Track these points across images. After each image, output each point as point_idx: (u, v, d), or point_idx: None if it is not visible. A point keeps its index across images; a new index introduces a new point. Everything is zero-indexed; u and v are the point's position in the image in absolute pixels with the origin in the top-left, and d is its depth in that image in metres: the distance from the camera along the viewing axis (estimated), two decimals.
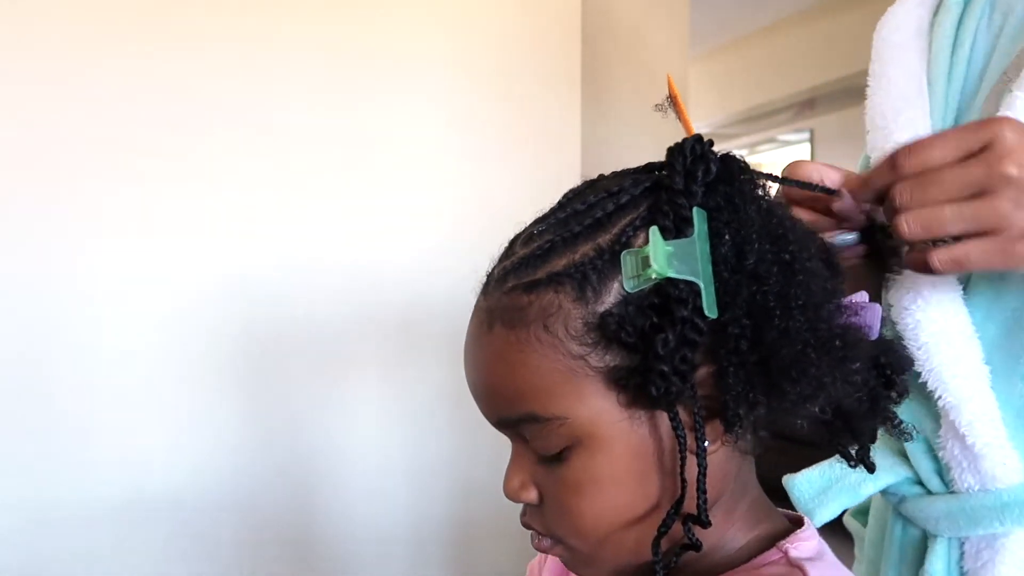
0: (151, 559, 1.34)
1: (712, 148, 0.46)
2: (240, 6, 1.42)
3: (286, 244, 1.46)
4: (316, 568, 1.50)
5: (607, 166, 0.52)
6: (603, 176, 0.51)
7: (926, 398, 0.59)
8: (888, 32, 0.69)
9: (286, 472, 1.47)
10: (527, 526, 0.51)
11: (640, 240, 0.44)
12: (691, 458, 0.44)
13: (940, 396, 0.57)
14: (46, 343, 1.27)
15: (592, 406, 0.45)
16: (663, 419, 0.45)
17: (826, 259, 0.49)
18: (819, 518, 0.65)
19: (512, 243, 0.50)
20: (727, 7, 4.41)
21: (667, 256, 0.42)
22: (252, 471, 1.43)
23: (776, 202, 0.47)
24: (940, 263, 0.50)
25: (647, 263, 0.42)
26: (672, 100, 0.49)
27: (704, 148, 0.46)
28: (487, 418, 0.50)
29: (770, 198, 0.47)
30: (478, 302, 0.49)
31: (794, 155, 5.72)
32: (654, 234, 0.42)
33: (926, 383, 0.58)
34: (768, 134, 5.84)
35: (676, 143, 0.47)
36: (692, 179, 0.44)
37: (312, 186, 1.49)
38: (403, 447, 1.59)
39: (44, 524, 1.26)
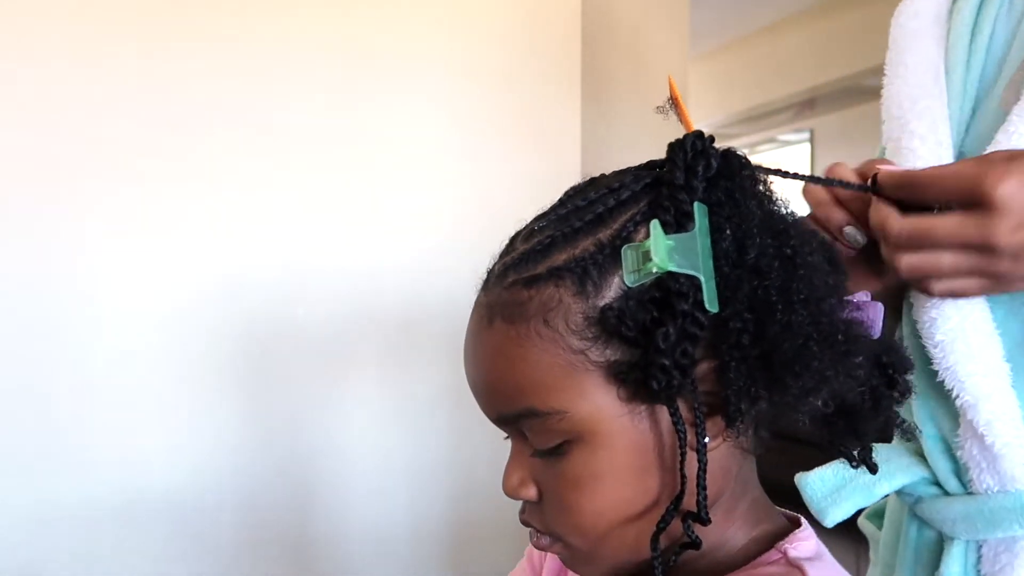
0: (151, 559, 1.34)
1: (713, 144, 0.46)
2: (240, 6, 1.42)
3: (286, 244, 1.46)
4: (315, 568, 1.50)
5: (607, 166, 0.52)
6: (604, 174, 0.51)
7: (944, 396, 0.57)
8: (906, 19, 0.67)
9: (286, 472, 1.47)
10: (526, 524, 0.51)
11: (641, 235, 0.44)
12: (691, 454, 0.44)
13: (958, 394, 0.56)
14: (46, 343, 1.27)
15: (592, 401, 0.45)
16: (663, 414, 0.45)
17: (828, 256, 0.49)
18: (831, 517, 0.63)
19: (513, 239, 0.51)
20: (727, 7, 4.41)
21: (668, 250, 0.42)
22: (252, 471, 1.43)
23: (777, 198, 0.47)
24: (939, 294, 0.52)
25: (648, 257, 0.42)
26: (673, 102, 0.49)
27: (705, 144, 0.46)
28: (487, 414, 0.50)
29: (771, 194, 0.47)
30: (478, 298, 0.49)
31: (794, 155, 5.72)
32: (655, 227, 0.42)
33: (943, 381, 0.56)
34: (768, 134, 5.84)
35: (677, 139, 0.47)
36: (693, 174, 0.45)
37: (312, 186, 1.49)
38: (403, 447, 1.59)
39: (44, 524, 1.26)
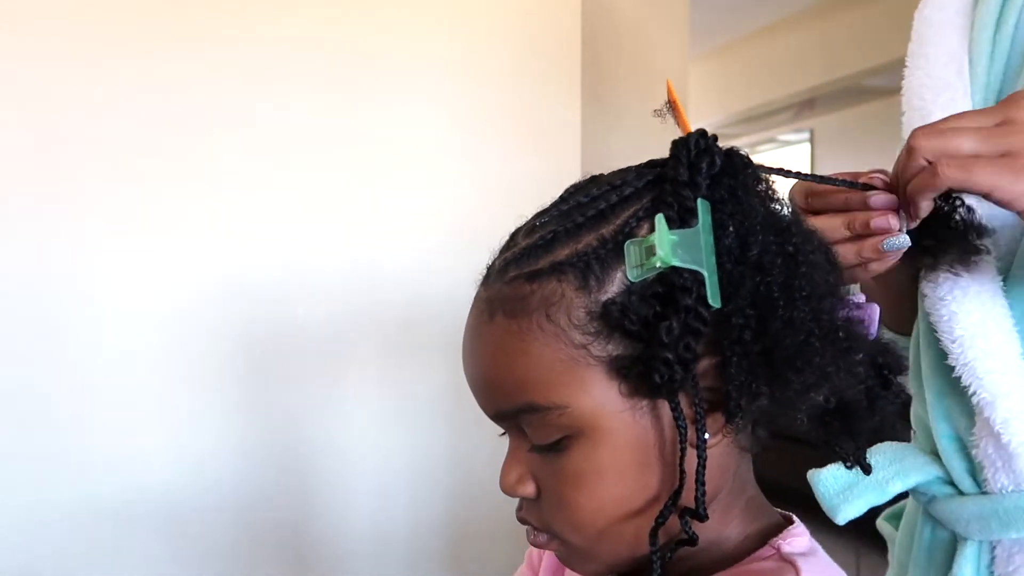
0: (151, 559, 1.34)
1: (717, 142, 0.46)
2: (240, 6, 1.42)
3: (286, 244, 1.46)
4: (315, 567, 1.50)
5: (607, 166, 0.52)
6: (605, 173, 0.51)
7: (959, 394, 0.57)
8: (930, 11, 0.66)
9: (285, 472, 1.47)
10: (523, 521, 0.51)
11: (644, 230, 0.45)
12: (691, 451, 0.44)
13: (974, 392, 0.55)
14: (46, 343, 1.27)
15: (594, 396, 0.45)
16: (664, 410, 0.45)
17: (827, 256, 0.50)
18: (843, 515, 0.62)
19: (514, 235, 0.51)
20: (727, 7, 4.41)
21: (672, 245, 0.42)
22: (252, 470, 1.43)
23: (779, 197, 0.48)
24: (945, 170, 0.48)
25: (651, 252, 0.42)
26: (671, 105, 0.49)
27: (709, 142, 0.46)
28: (485, 410, 0.50)
29: (773, 192, 0.47)
30: (478, 293, 0.49)
31: (794, 155, 5.72)
32: (660, 222, 0.43)
33: (960, 378, 0.56)
34: (768, 134, 5.84)
35: (681, 137, 0.47)
36: (697, 171, 0.45)
37: (312, 186, 1.49)
38: (403, 447, 1.59)
39: (43, 524, 1.26)
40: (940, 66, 0.62)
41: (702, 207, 0.44)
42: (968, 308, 0.55)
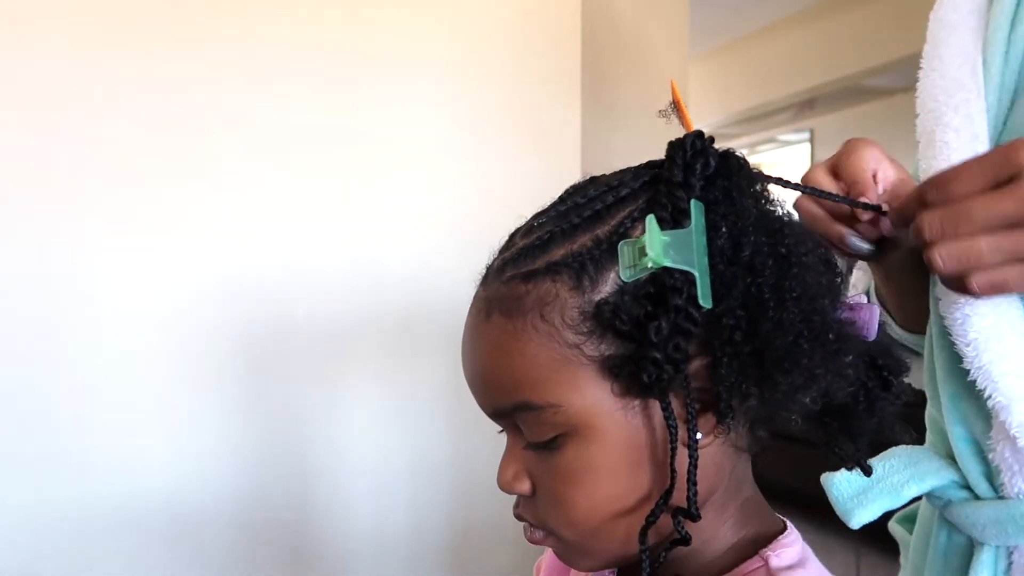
0: (150, 559, 1.35)
1: (713, 144, 0.47)
2: (240, 6, 1.42)
3: (286, 244, 1.46)
4: (315, 568, 1.50)
5: (607, 166, 0.52)
6: (604, 173, 0.51)
7: (975, 397, 0.56)
8: (944, 12, 0.65)
9: (285, 471, 1.47)
10: (519, 518, 0.52)
11: (638, 231, 0.45)
12: (683, 450, 0.45)
13: (990, 395, 0.54)
14: (46, 343, 1.27)
15: (586, 395, 0.45)
16: (656, 410, 0.45)
17: (824, 257, 0.50)
18: (858, 519, 0.61)
19: (512, 235, 0.51)
20: (727, 7, 4.41)
21: (663, 245, 0.42)
22: (252, 470, 1.43)
23: (774, 198, 0.48)
24: (979, 287, 0.49)
25: (643, 252, 0.43)
26: (675, 106, 0.49)
27: (704, 143, 0.46)
28: (483, 408, 0.50)
29: (768, 194, 0.47)
30: (477, 292, 0.50)
31: (794, 155, 5.72)
32: (650, 222, 0.43)
33: (975, 381, 0.55)
34: (768, 134, 5.84)
35: (677, 138, 0.47)
36: (691, 172, 0.45)
37: (312, 186, 1.49)
38: (403, 447, 1.59)
39: (43, 524, 1.26)
40: (954, 67, 0.61)
41: (695, 208, 0.44)
42: (982, 311, 0.54)
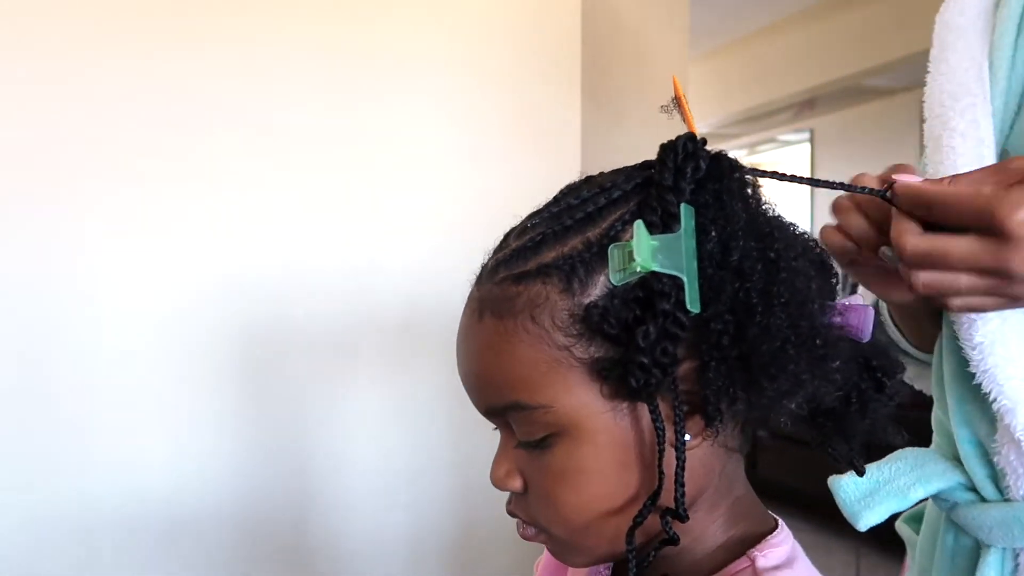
0: (150, 559, 1.35)
1: (704, 147, 0.47)
2: (240, 6, 1.42)
3: (286, 244, 1.46)
4: (315, 568, 1.50)
5: (607, 166, 0.52)
6: (600, 173, 0.51)
7: (980, 400, 0.56)
8: (951, 15, 0.65)
9: (285, 472, 1.47)
10: (512, 514, 0.52)
11: (628, 234, 0.45)
12: (671, 451, 0.45)
13: (995, 398, 0.55)
14: (46, 343, 1.27)
15: (576, 396, 0.46)
16: (645, 411, 0.45)
17: (819, 260, 0.50)
18: (865, 521, 0.62)
19: (506, 236, 0.52)
20: (727, 7, 4.41)
21: (651, 250, 0.43)
22: (252, 471, 1.43)
23: (765, 201, 0.48)
24: (956, 309, 0.51)
25: (632, 256, 0.43)
26: (677, 102, 0.49)
27: (695, 146, 0.46)
28: (476, 406, 0.51)
29: (759, 197, 0.47)
30: (471, 292, 0.51)
31: (794, 155, 5.72)
32: (638, 228, 0.43)
33: (981, 384, 0.55)
34: (768, 134, 5.85)
35: (669, 141, 0.47)
36: (681, 176, 0.45)
37: (312, 186, 1.49)
38: (403, 447, 1.59)
39: (43, 524, 1.26)
40: (961, 71, 0.61)
41: (685, 212, 0.44)
42: (988, 315, 0.55)
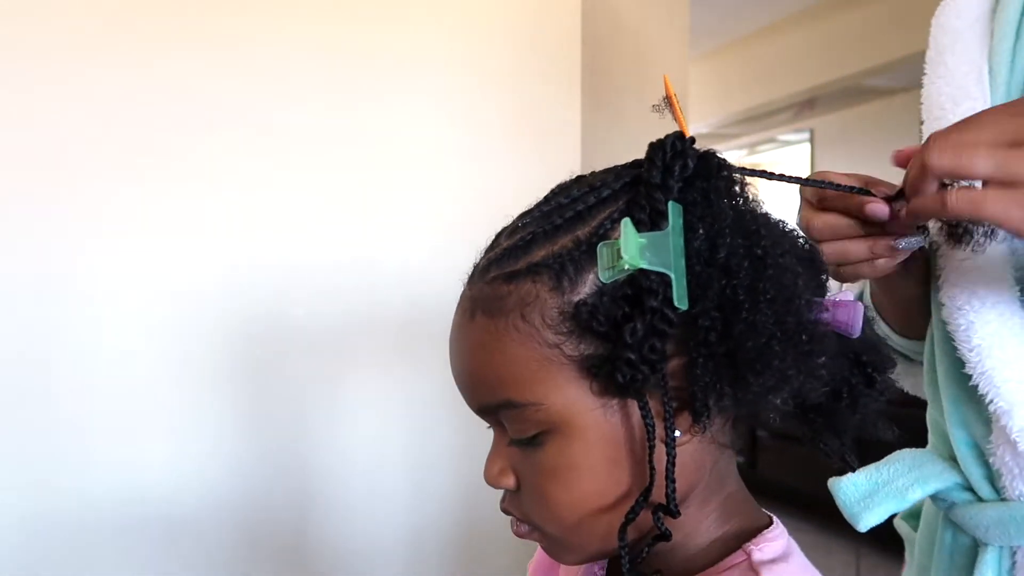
0: (150, 558, 1.35)
1: (693, 145, 0.47)
2: (240, 6, 1.42)
3: (286, 244, 1.46)
4: (315, 568, 1.50)
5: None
6: (592, 172, 0.52)
7: (975, 402, 0.57)
8: (947, 18, 0.65)
9: (285, 472, 1.47)
10: (506, 512, 0.53)
11: (617, 233, 0.45)
12: (662, 448, 0.45)
13: (991, 400, 0.55)
14: (46, 343, 1.27)
15: (567, 394, 0.46)
16: (635, 408, 0.46)
17: (809, 256, 0.50)
18: (865, 522, 0.62)
19: (498, 235, 0.52)
20: (727, 7, 4.41)
21: (639, 247, 0.43)
22: (252, 470, 1.43)
23: (753, 198, 0.48)
24: (954, 202, 0.48)
25: (620, 254, 0.43)
26: (668, 101, 0.49)
27: (684, 144, 0.46)
28: (469, 405, 0.51)
29: (747, 195, 0.47)
30: (463, 292, 0.51)
31: (794, 155, 5.72)
32: (626, 225, 0.43)
33: (977, 386, 0.56)
34: (768, 134, 5.85)
35: (658, 139, 0.48)
36: (669, 174, 0.46)
37: (312, 186, 1.49)
38: (403, 447, 1.59)
39: (43, 524, 1.26)
40: (960, 75, 0.61)
41: (673, 210, 0.45)
42: (986, 318, 0.55)
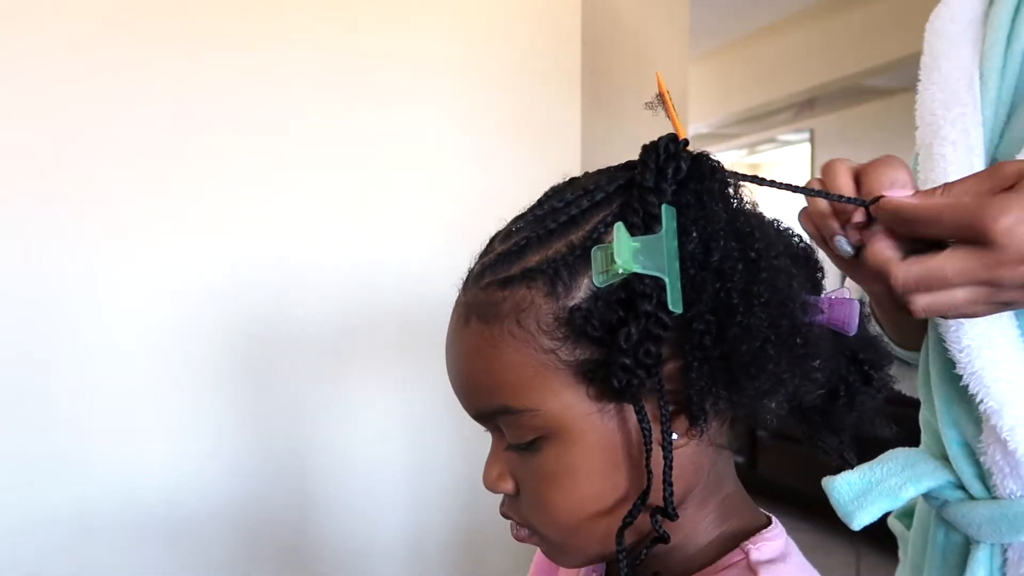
0: (150, 558, 1.35)
1: (686, 147, 0.47)
2: (240, 6, 1.42)
3: (286, 244, 1.46)
4: (315, 568, 1.50)
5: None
6: (586, 173, 0.51)
7: (966, 401, 0.58)
8: (941, 23, 0.66)
9: (286, 472, 1.47)
10: (505, 516, 0.53)
11: (611, 236, 0.45)
12: (659, 451, 0.45)
13: (982, 400, 0.56)
14: (46, 343, 1.27)
15: (563, 399, 0.46)
16: (632, 412, 0.46)
17: (805, 256, 0.50)
18: (859, 521, 0.63)
19: (492, 240, 0.52)
20: (727, 7, 4.41)
21: (632, 252, 0.43)
22: (252, 471, 1.43)
23: (747, 199, 0.47)
24: (953, 318, 0.49)
25: (614, 259, 0.43)
26: (661, 99, 0.49)
27: (676, 147, 0.46)
28: (466, 410, 0.51)
29: (741, 196, 0.47)
30: (458, 297, 0.51)
31: (794, 155, 5.72)
32: (619, 230, 0.43)
33: (967, 386, 0.57)
34: (768, 134, 5.85)
35: (651, 142, 0.47)
36: (663, 177, 0.45)
37: (313, 186, 1.49)
38: (403, 448, 1.59)
39: (43, 524, 1.26)
40: (952, 81, 0.62)
41: (666, 213, 0.44)
42: (975, 319, 0.56)
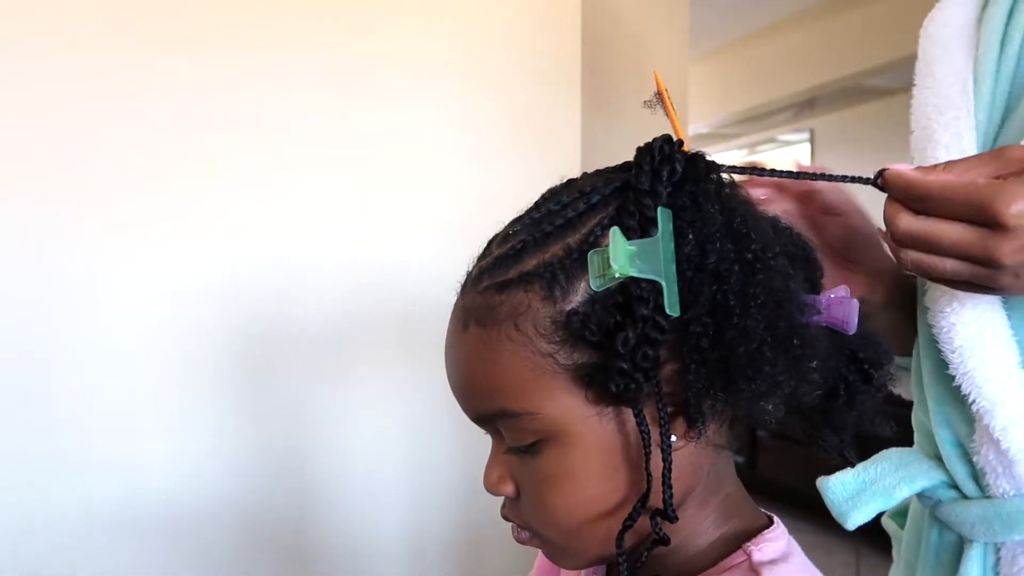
0: (150, 558, 1.35)
1: (681, 148, 0.46)
2: (240, 6, 1.42)
3: (286, 244, 1.46)
4: (315, 568, 1.50)
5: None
6: (584, 174, 0.51)
7: (959, 401, 0.58)
8: (935, 28, 0.66)
9: (286, 472, 1.47)
10: (506, 518, 0.53)
11: (608, 239, 0.45)
12: (658, 453, 0.45)
13: (974, 400, 0.56)
14: (46, 343, 1.27)
15: (561, 402, 0.46)
16: (630, 415, 0.46)
17: (804, 255, 0.50)
18: (853, 521, 0.64)
19: (489, 243, 0.52)
20: (727, 7, 4.41)
21: (629, 255, 0.42)
22: (252, 471, 1.43)
23: (743, 201, 0.47)
24: (935, 282, 0.51)
25: (611, 262, 0.43)
26: (659, 97, 0.49)
27: (671, 148, 0.46)
28: (466, 414, 0.52)
29: (737, 197, 0.47)
30: (456, 301, 0.51)
31: (794, 155, 5.72)
32: (615, 234, 0.43)
33: (960, 386, 0.57)
34: (768, 134, 5.85)
35: (646, 143, 0.47)
36: (658, 179, 0.45)
37: (313, 186, 1.49)
38: (403, 448, 1.59)
39: (43, 524, 1.26)
40: (946, 85, 0.62)
41: (662, 216, 0.44)
42: (967, 319, 0.56)
